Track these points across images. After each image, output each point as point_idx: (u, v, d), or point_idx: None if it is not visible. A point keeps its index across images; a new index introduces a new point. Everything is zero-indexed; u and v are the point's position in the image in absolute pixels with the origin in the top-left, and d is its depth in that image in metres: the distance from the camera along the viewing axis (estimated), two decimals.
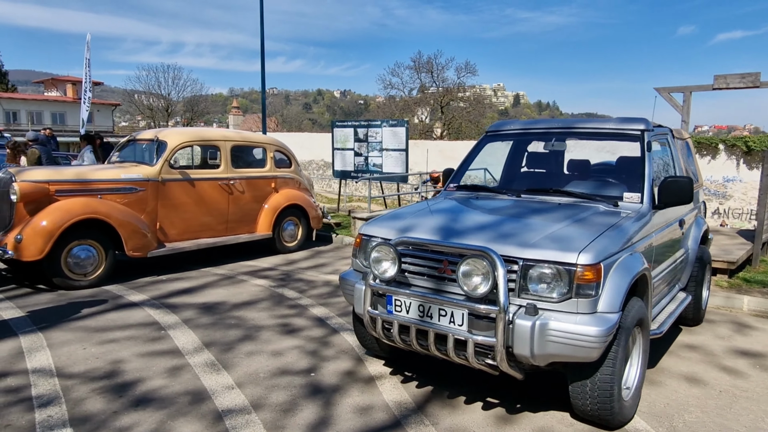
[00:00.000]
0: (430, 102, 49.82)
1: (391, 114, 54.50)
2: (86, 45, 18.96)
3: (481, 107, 54.02)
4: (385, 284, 3.23)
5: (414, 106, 51.20)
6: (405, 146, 10.42)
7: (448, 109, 49.27)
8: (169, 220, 6.53)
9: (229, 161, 7.10)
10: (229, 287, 5.98)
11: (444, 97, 50.00)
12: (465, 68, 50.76)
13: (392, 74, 55.09)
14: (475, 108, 50.98)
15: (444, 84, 50.75)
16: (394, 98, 55.29)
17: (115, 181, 6.11)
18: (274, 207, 7.61)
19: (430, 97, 50.21)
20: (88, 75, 19.28)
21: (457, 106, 49.79)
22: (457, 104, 49.83)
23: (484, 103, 56.14)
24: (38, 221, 5.40)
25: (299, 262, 7.40)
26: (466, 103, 50.68)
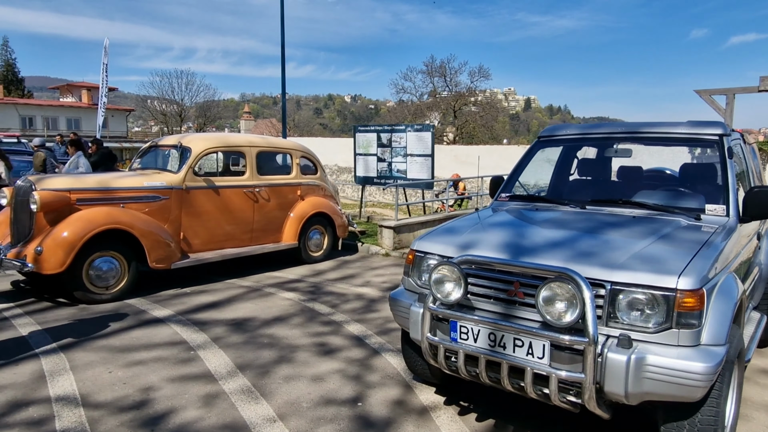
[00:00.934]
0: (441, 106, 49.52)
1: (403, 119, 54.27)
2: (104, 50, 18.88)
3: (494, 111, 53.58)
4: (448, 308, 2.88)
5: (427, 110, 50.91)
6: (430, 151, 10.08)
7: (460, 113, 48.92)
8: (193, 230, 6.24)
9: (254, 168, 6.80)
10: (257, 301, 5.66)
11: (457, 101, 49.69)
12: (478, 72, 50.37)
13: (405, 78, 54.85)
14: (488, 112, 50.61)
15: (457, 88, 50.44)
16: (405, 103, 55.05)
17: (137, 189, 5.84)
18: (300, 215, 7.30)
19: (441, 101, 49.91)
20: (105, 80, 19.20)
21: (469, 110, 49.44)
22: (469, 108, 49.47)
23: (497, 108, 55.68)
24: (59, 232, 5.12)
25: (326, 273, 7.07)
26: (479, 107, 50.32)
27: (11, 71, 53.12)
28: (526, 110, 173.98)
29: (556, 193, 4.39)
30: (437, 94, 51.50)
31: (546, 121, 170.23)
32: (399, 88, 52.56)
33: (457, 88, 50.46)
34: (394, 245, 8.39)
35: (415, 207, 13.76)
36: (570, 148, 4.75)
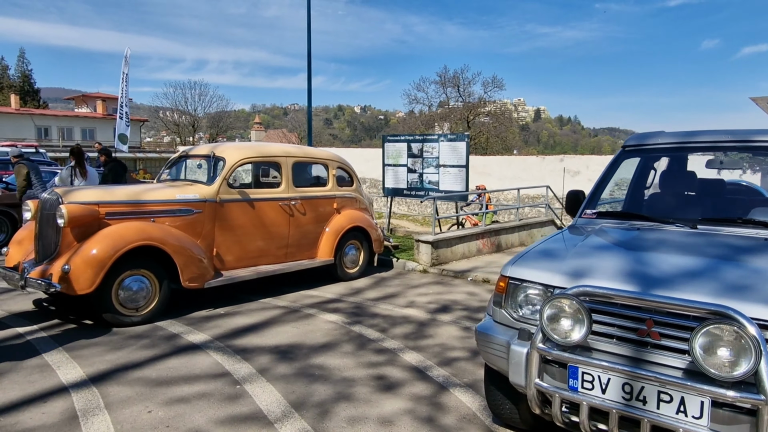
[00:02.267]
0: (451, 117, 49.22)
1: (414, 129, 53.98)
2: (125, 59, 18.68)
3: (508, 122, 53.17)
4: (564, 350, 2.41)
5: (441, 120, 50.62)
6: (465, 162, 9.62)
7: (473, 123, 48.58)
8: (226, 246, 5.81)
9: (290, 179, 6.38)
10: (298, 324, 5.21)
11: (470, 111, 49.38)
12: (492, 82, 50.08)
13: (417, 89, 54.63)
14: (502, 123, 50.25)
15: (470, 98, 50.20)
16: (415, 113, 54.78)
17: (169, 202, 5.43)
18: (337, 230, 6.86)
19: (451, 111, 49.64)
20: (125, 90, 18.96)
21: (481, 121, 49.12)
22: (481, 119, 49.12)
23: (511, 118, 55.23)
24: (88, 249, 4.71)
25: (365, 292, 6.61)
26: (492, 117, 49.99)
27: (27, 82, 53.57)
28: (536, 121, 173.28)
29: (642, 208, 3.90)
30: (447, 105, 51.27)
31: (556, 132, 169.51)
32: (412, 99, 52.33)
33: (470, 98, 50.24)
34: (432, 261, 7.92)
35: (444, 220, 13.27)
36: (652, 159, 4.27)
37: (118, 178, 8.36)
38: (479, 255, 8.81)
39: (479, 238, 8.80)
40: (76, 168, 7.67)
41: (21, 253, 5.30)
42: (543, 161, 28.24)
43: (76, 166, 7.67)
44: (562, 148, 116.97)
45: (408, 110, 53.91)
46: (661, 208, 3.82)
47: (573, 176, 26.33)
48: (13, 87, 50.39)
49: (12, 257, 5.33)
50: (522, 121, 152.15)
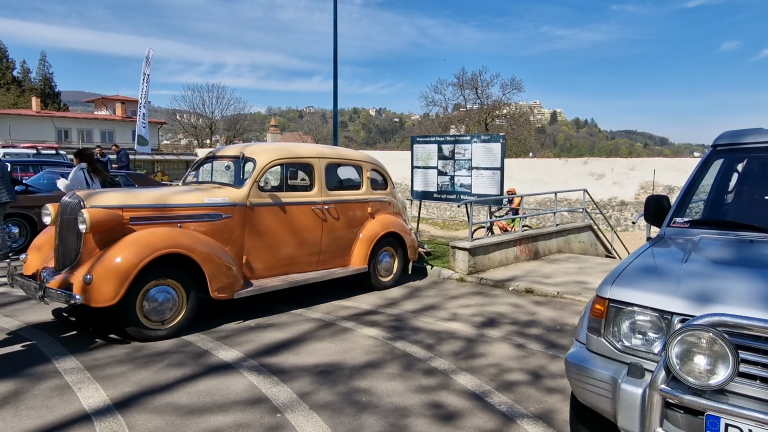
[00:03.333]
0: (466, 120, 48.69)
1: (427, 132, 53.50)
2: (146, 60, 18.54)
3: (527, 124, 52.50)
4: (700, 395, 1.95)
5: (458, 122, 50.14)
6: (500, 164, 9.13)
7: (492, 125, 48.03)
8: (256, 253, 5.42)
9: (323, 182, 5.98)
10: (335, 340, 4.78)
11: (489, 113, 48.86)
12: (511, 84, 49.49)
13: (435, 91, 54.11)
14: (521, 125, 49.63)
15: (488, 101, 49.69)
16: (429, 116, 54.34)
17: (197, 206, 5.05)
18: (371, 236, 6.43)
19: (465, 114, 49.12)
20: (145, 91, 18.81)
21: (497, 124, 48.55)
22: (496, 122, 48.53)
23: (530, 120, 54.55)
24: (111, 257, 4.34)
25: (402, 303, 6.17)
26: (509, 119, 49.39)
27: (48, 85, 54.16)
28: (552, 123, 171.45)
29: (746, 216, 3.40)
30: (462, 107, 50.80)
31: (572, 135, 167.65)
32: (429, 101, 51.88)
33: (488, 100, 49.73)
34: (469, 269, 7.45)
35: None
36: (737, 159, 3.78)
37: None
38: (517, 262, 8.32)
39: (517, 245, 8.32)
40: (90, 171, 7.21)
41: (40, 260, 4.96)
42: (566, 164, 27.57)
43: (90, 169, 7.22)
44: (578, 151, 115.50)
45: (425, 112, 53.43)
46: (724, 212, 3.35)
47: (597, 179, 25.73)
48: (34, 90, 50.95)
49: (30, 264, 4.99)
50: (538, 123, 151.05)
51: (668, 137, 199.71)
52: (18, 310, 5.34)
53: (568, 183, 23.84)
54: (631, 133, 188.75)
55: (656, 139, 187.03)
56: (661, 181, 24.98)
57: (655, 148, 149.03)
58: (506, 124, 48.99)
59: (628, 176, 25.24)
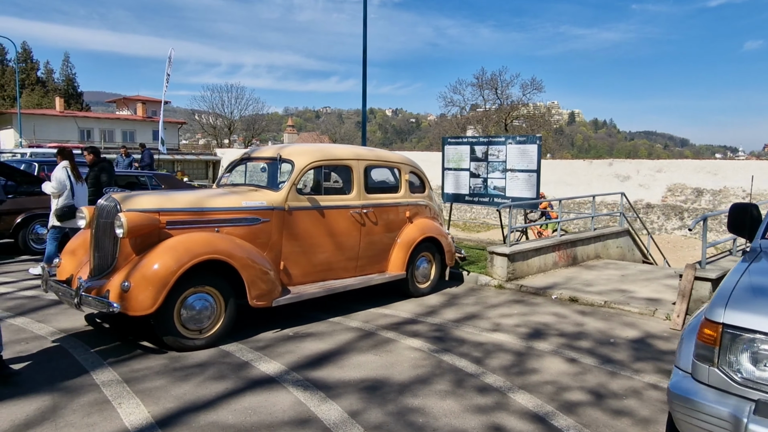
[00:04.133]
0: (483, 121, 48.22)
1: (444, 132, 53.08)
2: (168, 61, 18.53)
3: (548, 125, 51.89)
4: None
5: (477, 123, 49.72)
6: (536, 167, 8.83)
7: (511, 126, 47.55)
8: (294, 258, 5.21)
9: (362, 185, 5.75)
10: (379, 352, 4.55)
11: (508, 114, 48.40)
12: (531, 84, 48.96)
13: (453, 91, 53.74)
14: (541, 125, 49.06)
15: (508, 101, 49.23)
16: (446, 116, 53.97)
17: (235, 210, 4.86)
18: (409, 241, 6.19)
19: (483, 114, 48.67)
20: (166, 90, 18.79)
21: (517, 124, 48.06)
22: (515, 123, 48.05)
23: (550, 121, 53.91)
24: (149, 263, 4.16)
25: (442, 312, 5.92)
26: (528, 120, 48.85)
27: (71, 86, 54.96)
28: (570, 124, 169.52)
29: None
30: (480, 107, 50.40)
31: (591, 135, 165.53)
32: (448, 101, 51.48)
33: (508, 100, 49.26)
34: (508, 276, 7.17)
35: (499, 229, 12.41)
36: None
37: (109, 180, 7.39)
38: (555, 269, 8.01)
39: (555, 250, 8.01)
40: (71, 170, 6.91)
41: (74, 265, 4.81)
42: (590, 165, 27.02)
43: (72, 168, 6.91)
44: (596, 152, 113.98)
45: (444, 112, 53.02)
46: None
47: (623, 181, 25.16)
48: (57, 90, 51.72)
49: (64, 269, 4.84)
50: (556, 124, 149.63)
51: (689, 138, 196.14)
52: (50, 316, 5.20)
53: (592, 185, 23.34)
54: (651, 134, 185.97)
55: (676, 140, 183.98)
56: (689, 183, 24.39)
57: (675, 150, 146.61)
58: (524, 124, 48.46)
59: (655, 178, 24.66)
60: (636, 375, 4.24)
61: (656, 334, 5.33)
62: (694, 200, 23.67)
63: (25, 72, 50.37)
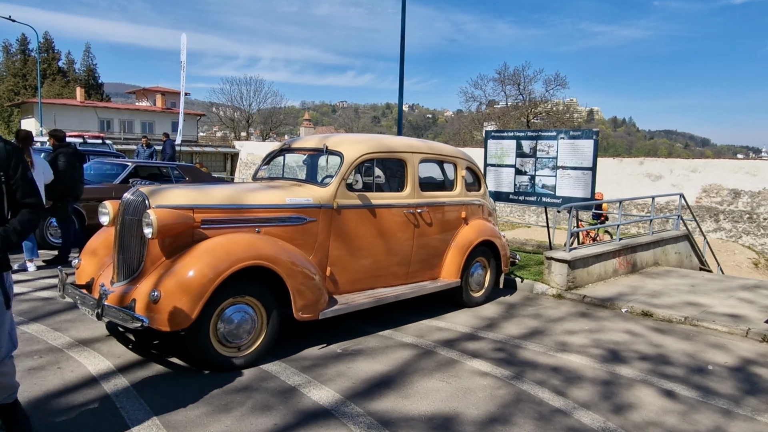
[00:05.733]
0: (504, 117, 47.28)
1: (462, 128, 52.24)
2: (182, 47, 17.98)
3: (570, 122, 50.83)
4: None
5: (497, 119, 48.77)
6: (592, 164, 8.09)
7: (533, 124, 46.60)
8: (341, 264, 4.58)
9: (416, 181, 5.10)
10: (444, 376, 3.90)
11: (530, 110, 47.50)
12: (555, 80, 47.96)
13: (475, 86, 52.67)
14: (563, 123, 48.00)
15: (531, 97, 48.33)
16: (463, 112, 53.10)
17: (278, 208, 4.23)
18: (465, 244, 5.53)
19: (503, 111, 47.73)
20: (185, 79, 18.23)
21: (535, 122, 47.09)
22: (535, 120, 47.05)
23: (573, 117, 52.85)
24: (183, 270, 3.55)
25: (501, 325, 5.25)
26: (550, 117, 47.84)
27: (92, 76, 54.95)
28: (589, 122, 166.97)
29: None
30: (496, 104, 49.50)
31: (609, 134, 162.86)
32: (468, 96, 50.54)
33: (531, 96, 48.34)
34: (568, 284, 6.47)
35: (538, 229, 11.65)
36: None
37: (71, 170, 6.65)
38: (615, 276, 7.29)
39: (616, 256, 7.29)
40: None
41: (95, 267, 4.23)
42: (620, 164, 26.06)
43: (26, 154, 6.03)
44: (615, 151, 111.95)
45: (465, 108, 52.04)
46: None
47: (654, 181, 24.17)
48: (78, 81, 51.73)
49: (84, 271, 4.26)
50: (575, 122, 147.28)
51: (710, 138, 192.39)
52: (67, 323, 4.64)
53: (622, 184, 22.46)
54: (671, 133, 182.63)
55: (697, 140, 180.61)
56: (726, 184, 23.37)
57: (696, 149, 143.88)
58: (543, 122, 47.45)
59: (689, 178, 23.66)
60: (758, 415, 3.55)
61: (754, 360, 4.62)
62: (731, 202, 22.64)
63: (46, 62, 50.43)
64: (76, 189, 6.86)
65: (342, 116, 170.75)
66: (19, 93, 48.45)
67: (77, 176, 6.84)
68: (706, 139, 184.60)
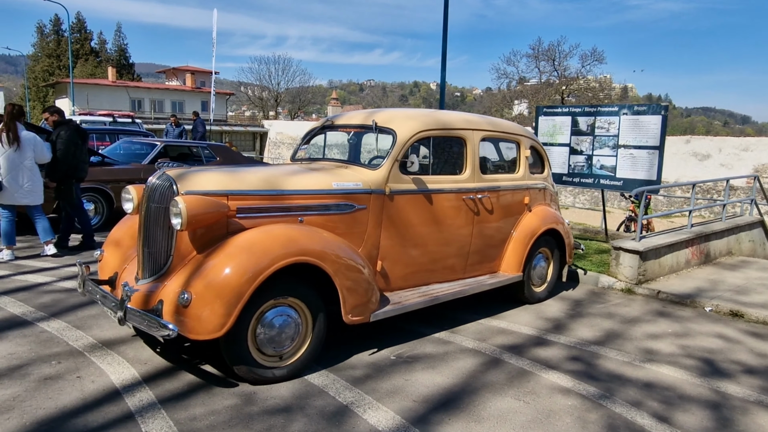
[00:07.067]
0: (537, 94, 45.63)
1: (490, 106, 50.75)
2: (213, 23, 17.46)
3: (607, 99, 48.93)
4: None
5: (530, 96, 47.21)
6: (659, 142, 7.28)
7: (567, 101, 44.92)
8: (393, 257, 4.01)
9: (476, 163, 4.46)
10: (519, 393, 3.31)
11: (567, 86, 45.82)
12: (591, 56, 46.06)
13: (507, 63, 50.85)
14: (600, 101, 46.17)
15: (566, 73, 46.56)
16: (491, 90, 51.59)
17: (323, 194, 3.66)
18: (528, 234, 4.89)
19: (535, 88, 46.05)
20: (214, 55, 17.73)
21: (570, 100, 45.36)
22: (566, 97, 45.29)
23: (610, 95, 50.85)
24: (217, 267, 3.03)
25: (570, 326, 4.62)
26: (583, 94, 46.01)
27: (123, 56, 55.18)
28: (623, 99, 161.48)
29: None
30: (527, 81, 47.85)
31: None
32: (501, 73, 48.91)
33: (566, 72, 46.58)
34: (638, 277, 5.77)
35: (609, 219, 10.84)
36: None
37: (72, 149, 6.09)
38: (688, 268, 6.55)
39: (688, 246, 6.53)
40: (2, 132, 5.57)
41: (119, 260, 3.76)
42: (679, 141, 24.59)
43: (4, 128, 5.58)
44: None
45: (498, 85, 50.41)
46: None
47: (701, 160, 22.82)
48: (110, 60, 52.02)
49: (107, 264, 3.79)
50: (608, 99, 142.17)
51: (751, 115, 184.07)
52: (90, 319, 4.20)
53: (666, 164, 21.24)
54: (709, 110, 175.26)
55: (737, 117, 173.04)
56: None
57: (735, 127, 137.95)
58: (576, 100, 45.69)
59: (740, 157, 22.25)
60: None
61: None
62: None
63: (79, 42, 50.77)
64: (79, 170, 6.26)
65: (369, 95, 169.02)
66: (54, 73, 49.01)
67: (80, 155, 6.23)
68: (746, 117, 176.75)
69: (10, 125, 5.59)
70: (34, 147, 5.71)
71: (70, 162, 6.09)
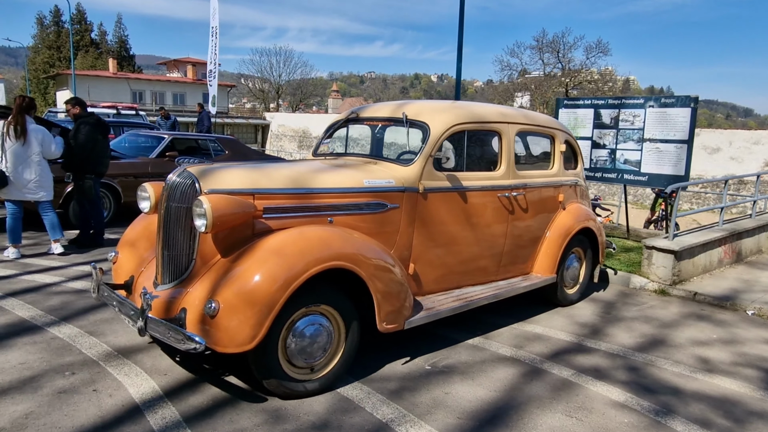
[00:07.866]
0: (541, 86, 45.29)
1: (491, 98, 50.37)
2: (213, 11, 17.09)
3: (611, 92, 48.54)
4: None
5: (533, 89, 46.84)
6: (688, 136, 7.02)
7: (572, 94, 44.54)
8: (427, 259, 3.76)
9: (511, 158, 4.19)
10: (569, 408, 3.07)
11: (572, 79, 45.46)
12: (596, 47, 45.73)
13: (511, 54, 50.39)
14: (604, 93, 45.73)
15: (570, 65, 46.24)
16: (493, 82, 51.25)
17: (354, 192, 3.40)
18: (562, 233, 4.63)
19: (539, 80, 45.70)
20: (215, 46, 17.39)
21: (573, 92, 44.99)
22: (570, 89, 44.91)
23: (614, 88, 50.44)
24: (246, 274, 2.77)
25: (607, 331, 4.38)
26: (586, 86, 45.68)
27: (124, 47, 54.63)
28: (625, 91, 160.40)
29: None
30: (528, 74, 47.53)
31: None
32: (504, 65, 48.51)
33: (570, 64, 46.25)
34: (673, 278, 5.52)
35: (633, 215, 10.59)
36: None
37: (91, 143, 5.85)
38: (720, 267, 6.30)
39: (721, 244, 6.27)
40: (11, 125, 5.29)
41: (135, 262, 3.50)
42: None
43: (12, 121, 5.30)
44: None
45: (501, 77, 50.03)
46: None
47: (710, 154, 22.53)
48: (111, 52, 51.52)
49: (122, 267, 3.54)
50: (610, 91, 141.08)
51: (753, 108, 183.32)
52: (103, 324, 3.96)
53: None
54: (712, 102, 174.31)
55: (740, 110, 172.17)
56: None
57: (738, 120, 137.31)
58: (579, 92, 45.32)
59: (750, 151, 21.99)
60: None
61: None
62: None
63: (79, 34, 50.24)
64: (99, 165, 6.02)
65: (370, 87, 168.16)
66: (54, 65, 48.54)
67: (100, 150, 5.99)
68: (749, 109, 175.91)
69: (19, 118, 5.32)
70: (42, 141, 5.45)
71: (89, 156, 5.85)
